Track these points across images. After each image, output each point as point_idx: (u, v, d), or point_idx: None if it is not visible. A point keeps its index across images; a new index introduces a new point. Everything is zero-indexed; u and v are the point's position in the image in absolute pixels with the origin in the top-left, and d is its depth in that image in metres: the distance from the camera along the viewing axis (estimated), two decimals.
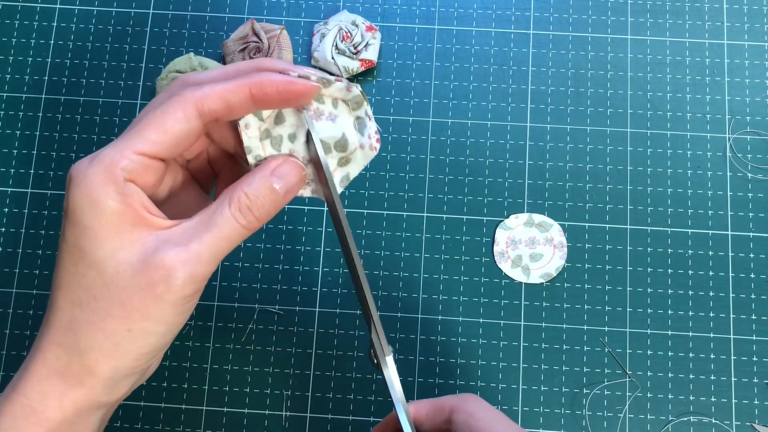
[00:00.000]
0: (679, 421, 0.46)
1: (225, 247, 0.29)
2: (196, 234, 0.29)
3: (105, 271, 0.28)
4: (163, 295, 0.28)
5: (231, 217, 0.29)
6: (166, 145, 0.29)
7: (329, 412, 0.47)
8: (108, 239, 0.28)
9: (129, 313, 0.28)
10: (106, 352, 0.29)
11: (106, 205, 0.28)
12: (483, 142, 0.51)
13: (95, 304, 0.29)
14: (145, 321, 0.29)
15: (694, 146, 0.50)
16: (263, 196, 0.30)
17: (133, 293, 0.28)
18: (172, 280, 0.28)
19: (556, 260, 0.49)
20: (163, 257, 0.28)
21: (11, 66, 0.52)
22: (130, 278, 0.28)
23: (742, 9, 0.53)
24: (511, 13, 0.53)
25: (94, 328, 0.29)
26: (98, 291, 0.29)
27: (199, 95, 0.28)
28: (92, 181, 0.28)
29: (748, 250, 0.49)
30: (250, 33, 0.51)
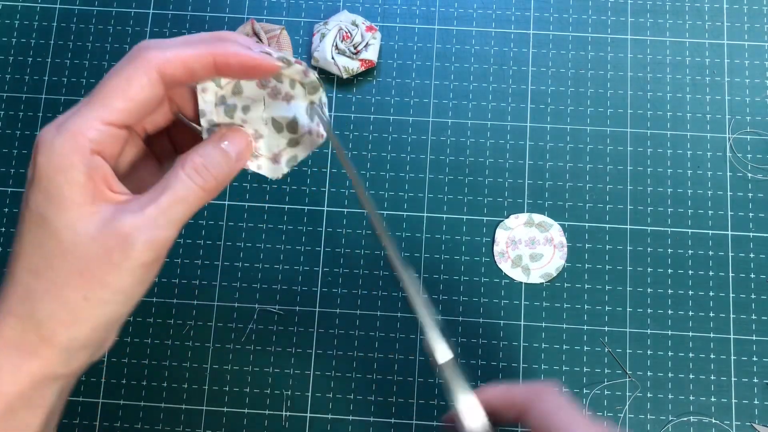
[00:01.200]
0: (679, 421, 0.46)
1: (182, 210, 0.29)
2: (152, 200, 0.29)
3: (63, 240, 0.28)
4: (121, 262, 0.28)
5: (186, 178, 0.29)
6: (132, 112, 0.29)
7: (329, 412, 0.47)
8: (69, 209, 0.28)
9: (86, 282, 0.28)
10: (63, 322, 0.29)
11: (71, 176, 0.28)
12: (483, 142, 0.51)
13: (52, 273, 0.29)
14: (102, 289, 0.28)
15: (694, 146, 0.50)
16: (216, 156, 0.30)
17: (90, 261, 0.28)
18: (129, 247, 0.28)
19: (556, 260, 0.49)
20: (119, 224, 0.28)
21: (11, 66, 0.52)
22: (87, 247, 0.28)
23: (742, 9, 0.53)
24: (511, 13, 0.53)
25: (51, 297, 0.29)
26: (56, 260, 0.28)
27: (162, 59, 0.28)
28: (59, 150, 0.28)
29: (748, 250, 0.49)
30: (250, 33, 0.51)
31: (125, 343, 0.48)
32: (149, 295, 0.49)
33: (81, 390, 0.48)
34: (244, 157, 0.32)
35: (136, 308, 0.49)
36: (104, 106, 0.28)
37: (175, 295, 0.49)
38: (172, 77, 0.29)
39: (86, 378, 0.48)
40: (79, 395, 0.48)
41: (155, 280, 0.49)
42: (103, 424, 0.47)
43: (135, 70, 0.28)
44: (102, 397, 0.48)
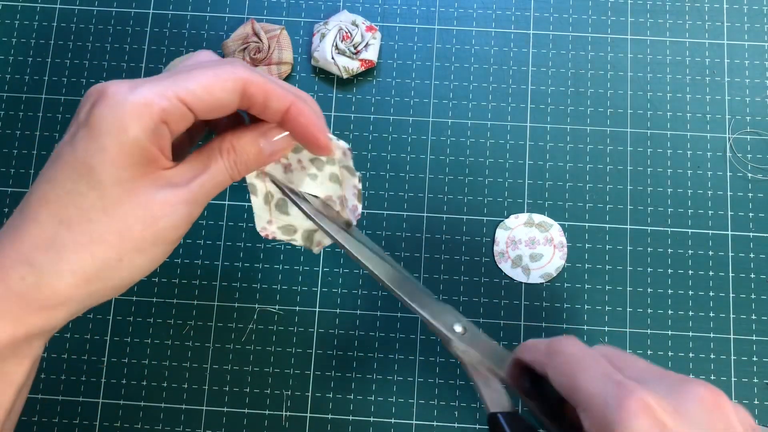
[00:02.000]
0: None
1: (214, 194, 0.31)
2: (195, 177, 0.30)
3: (109, 196, 0.28)
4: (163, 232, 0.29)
5: (223, 166, 0.31)
6: (205, 105, 0.29)
7: (329, 412, 0.47)
8: (123, 167, 0.28)
9: (124, 243, 0.28)
10: (88, 277, 0.28)
11: (135, 137, 0.28)
12: (483, 142, 0.51)
13: (89, 226, 0.28)
14: (137, 254, 0.29)
15: (694, 146, 0.50)
16: (249, 152, 0.31)
17: (134, 224, 0.28)
18: (174, 218, 0.29)
19: (556, 260, 0.49)
20: (168, 194, 0.29)
21: (11, 66, 0.52)
22: (134, 209, 0.28)
23: (742, 9, 0.53)
24: (511, 13, 0.53)
25: (83, 250, 0.28)
26: (95, 214, 0.28)
27: (250, 79, 0.29)
28: (129, 108, 0.28)
29: (748, 250, 0.49)
30: (250, 33, 0.51)
31: (125, 343, 0.48)
32: (149, 295, 0.49)
33: (81, 390, 0.48)
34: (276, 155, 0.32)
35: (137, 308, 0.49)
36: (185, 87, 0.29)
37: (175, 295, 0.49)
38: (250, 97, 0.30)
39: (86, 378, 0.48)
40: (79, 395, 0.48)
41: (155, 280, 0.49)
42: (103, 424, 0.47)
43: (226, 72, 0.29)
44: (102, 397, 0.48)
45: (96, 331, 0.48)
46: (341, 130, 0.51)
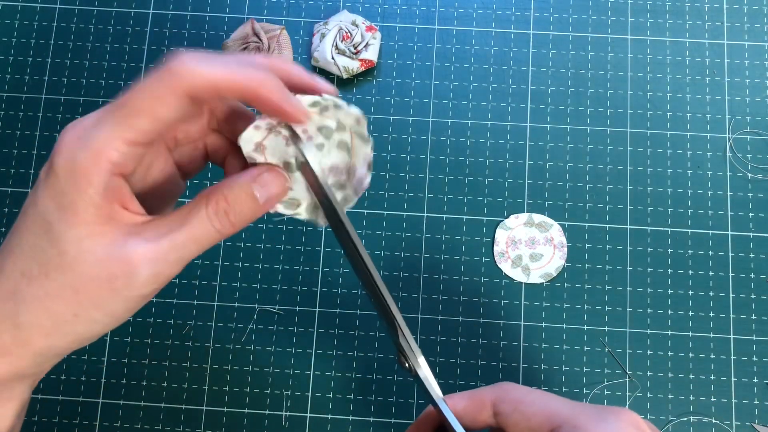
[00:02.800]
0: (679, 421, 0.46)
1: (194, 250, 0.29)
2: (168, 232, 0.28)
3: (67, 253, 0.28)
4: (121, 290, 0.28)
5: (206, 219, 0.28)
6: (157, 132, 0.27)
7: (329, 412, 0.47)
8: (79, 225, 0.27)
9: (80, 299, 0.28)
10: (45, 330, 0.28)
11: (88, 195, 0.27)
12: (483, 142, 0.51)
13: (46, 282, 0.28)
14: (94, 310, 0.28)
15: (694, 146, 0.50)
16: (242, 202, 0.29)
17: (90, 281, 0.28)
18: (134, 277, 0.27)
19: (556, 260, 0.49)
20: (130, 252, 0.27)
21: (11, 66, 0.52)
22: (90, 267, 0.27)
23: (742, 9, 0.53)
24: (511, 13, 0.53)
25: (39, 305, 0.28)
26: (53, 270, 0.28)
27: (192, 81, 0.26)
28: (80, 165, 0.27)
29: (748, 250, 0.49)
30: (250, 33, 0.51)
31: (125, 343, 0.48)
32: None
33: (81, 390, 0.48)
34: (273, 201, 0.30)
35: None
36: (129, 126, 0.27)
37: (175, 295, 0.49)
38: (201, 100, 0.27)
39: (86, 378, 0.48)
40: (79, 395, 0.48)
41: None
42: (103, 424, 0.47)
43: (164, 89, 0.27)
44: (102, 397, 0.48)
45: None
46: None
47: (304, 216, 0.33)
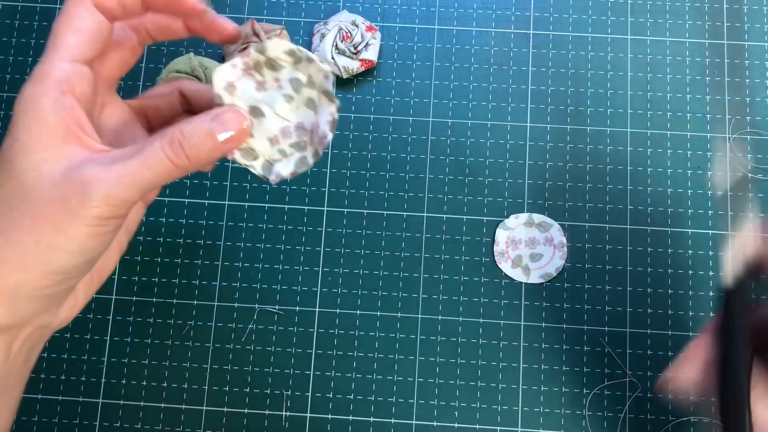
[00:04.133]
0: (679, 421, 0.46)
1: (148, 178, 0.29)
2: (122, 158, 0.29)
3: (25, 182, 0.28)
4: (76, 209, 0.28)
5: (159, 149, 0.29)
6: (85, 44, 0.30)
7: (329, 412, 0.47)
8: (35, 151, 0.28)
9: (39, 224, 0.28)
10: (10, 263, 0.28)
11: (41, 116, 0.28)
12: (483, 142, 0.51)
13: (8, 214, 0.28)
14: (54, 234, 0.28)
15: (694, 146, 0.50)
16: (197, 136, 0.30)
17: (47, 205, 0.28)
18: (86, 195, 0.28)
19: (556, 260, 0.49)
20: (82, 172, 0.28)
21: (11, 66, 0.52)
22: (47, 190, 0.28)
23: (742, 9, 0.52)
24: (511, 13, 0.53)
25: (2, 236, 0.28)
26: (14, 201, 0.28)
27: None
28: (28, 93, 0.29)
29: None
30: (250, 33, 0.51)
31: (125, 343, 0.48)
32: (149, 295, 0.49)
33: (81, 390, 0.48)
34: (232, 142, 0.31)
35: (137, 308, 0.49)
36: (60, 47, 0.29)
37: (175, 295, 0.49)
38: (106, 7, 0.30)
39: (86, 378, 0.48)
40: (79, 395, 0.48)
41: (155, 280, 0.49)
42: (103, 424, 0.47)
43: (73, 5, 0.30)
44: (102, 397, 0.48)
45: (96, 331, 0.48)
46: (341, 130, 0.51)
47: (258, 171, 0.33)
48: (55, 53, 0.29)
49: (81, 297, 0.33)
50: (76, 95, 0.29)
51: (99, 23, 0.30)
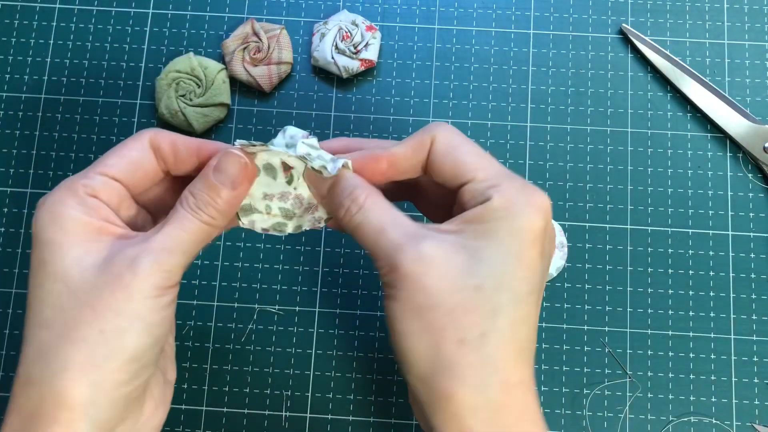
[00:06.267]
0: (679, 421, 0.46)
1: (186, 238, 0.29)
2: (156, 231, 0.29)
3: (71, 279, 0.27)
4: (131, 285, 0.27)
5: (182, 210, 0.30)
6: (122, 167, 0.31)
7: (329, 413, 0.47)
8: (72, 248, 0.28)
9: (99, 313, 0.27)
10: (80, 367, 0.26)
11: (69, 216, 0.28)
12: (483, 142, 0.51)
13: (63, 315, 0.27)
14: (117, 317, 0.27)
15: (694, 146, 0.50)
16: (205, 193, 0.30)
17: (102, 291, 0.27)
18: (137, 267, 0.27)
19: (556, 260, 0.48)
20: (126, 251, 0.28)
21: (10, 66, 0.52)
22: (97, 278, 0.27)
23: (743, 9, 0.52)
24: (512, 13, 0.53)
25: (65, 341, 0.27)
26: (65, 301, 0.27)
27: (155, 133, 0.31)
28: (54, 198, 0.29)
29: (749, 250, 0.49)
30: (249, 33, 0.51)
31: None
32: None
33: None
34: (239, 183, 0.30)
35: None
36: (99, 164, 0.31)
37: None
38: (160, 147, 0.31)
39: None
40: None
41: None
42: None
43: (131, 138, 0.32)
44: None
45: None
46: (341, 130, 0.51)
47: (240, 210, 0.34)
48: (92, 168, 0.31)
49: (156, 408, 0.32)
50: (101, 199, 0.30)
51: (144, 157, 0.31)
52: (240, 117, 0.51)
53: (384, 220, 0.30)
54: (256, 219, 0.34)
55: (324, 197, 0.32)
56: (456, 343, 0.27)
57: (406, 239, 0.29)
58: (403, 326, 0.28)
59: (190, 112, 0.49)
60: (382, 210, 0.30)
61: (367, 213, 0.30)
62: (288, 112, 0.51)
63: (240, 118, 0.51)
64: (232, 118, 0.51)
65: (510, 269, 0.28)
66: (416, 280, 0.28)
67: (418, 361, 0.28)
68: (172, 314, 0.30)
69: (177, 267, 0.29)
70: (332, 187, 0.31)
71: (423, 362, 0.28)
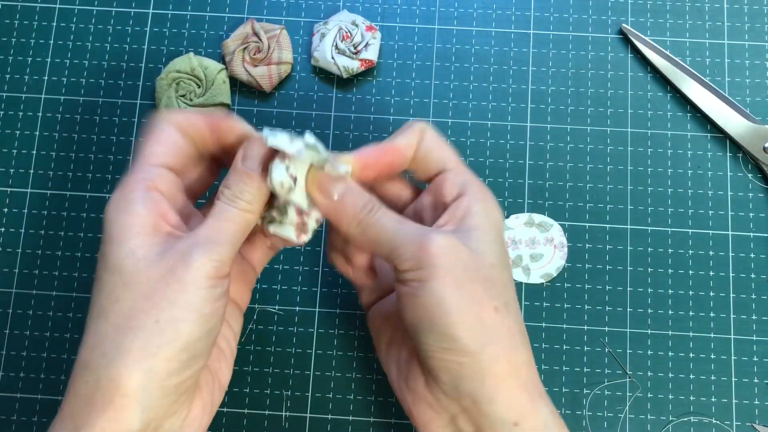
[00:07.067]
0: (679, 421, 0.46)
1: (231, 228, 0.31)
2: (201, 225, 0.31)
3: (125, 270, 0.29)
4: (184, 276, 0.28)
5: (224, 204, 0.31)
6: (167, 153, 0.32)
7: (329, 413, 0.47)
8: (128, 240, 0.29)
9: (154, 303, 0.28)
10: (135, 354, 0.27)
11: (131, 209, 0.30)
12: (483, 142, 0.51)
13: (118, 306, 0.28)
14: (171, 308, 0.28)
15: (694, 146, 0.50)
16: (238, 181, 0.32)
17: (155, 283, 0.28)
18: (189, 259, 0.29)
19: (556, 260, 0.48)
20: (177, 245, 0.30)
21: (11, 66, 0.52)
22: (151, 270, 0.29)
23: (743, 9, 0.52)
24: (512, 13, 0.53)
25: (122, 330, 0.28)
26: (120, 292, 0.28)
27: (173, 114, 0.34)
28: (116, 195, 0.31)
29: (749, 250, 0.49)
30: (249, 33, 0.51)
31: None
32: None
33: None
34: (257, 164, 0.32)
35: None
36: (145, 156, 0.32)
37: None
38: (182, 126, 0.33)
39: None
40: None
41: None
42: None
43: (157, 124, 0.33)
44: None
45: None
46: (341, 130, 0.51)
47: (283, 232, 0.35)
48: (142, 160, 0.32)
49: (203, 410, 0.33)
50: (161, 191, 0.32)
51: (178, 139, 0.33)
52: (240, 117, 0.51)
53: (399, 218, 0.33)
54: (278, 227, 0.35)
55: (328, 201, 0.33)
56: (493, 311, 0.31)
57: (427, 229, 0.33)
58: (447, 301, 0.30)
59: None
60: (392, 213, 0.34)
61: (384, 211, 0.33)
62: (288, 112, 0.51)
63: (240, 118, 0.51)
64: None
65: (503, 251, 0.34)
66: (453, 254, 0.31)
67: (467, 331, 0.30)
68: (224, 306, 0.31)
69: (225, 257, 0.30)
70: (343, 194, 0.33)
71: (470, 332, 0.30)
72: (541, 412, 0.32)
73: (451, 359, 0.31)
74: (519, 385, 0.32)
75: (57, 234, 0.49)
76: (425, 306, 0.31)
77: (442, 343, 0.31)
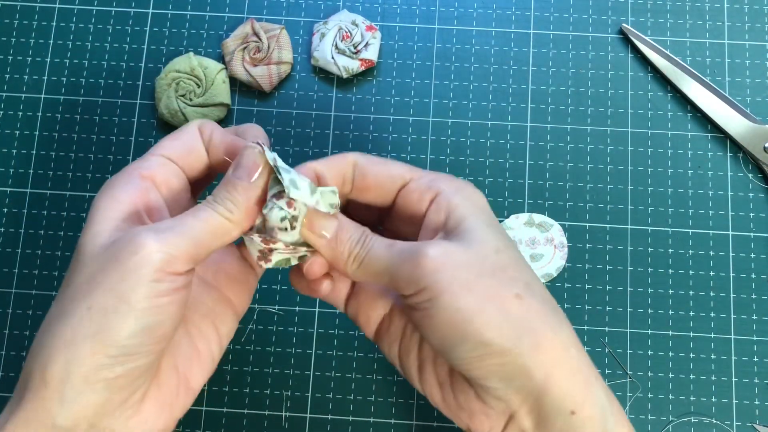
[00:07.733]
0: (679, 421, 0.46)
1: (199, 227, 0.29)
2: (176, 219, 0.29)
3: (82, 253, 0.28)
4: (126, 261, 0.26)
5: (203, 205, 0.30)
6: (176, 148, 0.32)
7: (329, 413, 0.47)
8: (98, 223, 0.28)
9: (92, 288, 0.26)
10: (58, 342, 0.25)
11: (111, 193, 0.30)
12: (483, 142, 0.51)
13: (68, 290, 0.27)
14: (106, 295, 0.26)
15: (694, 146, 0.50)
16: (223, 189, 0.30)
17: (102, 266, 0.26)
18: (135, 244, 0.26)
19: (556, 260, 0.48)
20: (134, 231, 0.27)
21: (10, 66, 0.52)
22: (101, 254, 0.27)
23: (743, 8, 0.52)
24: (512, 13, 0.53)
25: (59, 316, 0.26)
26: (73, 276, 0.27)
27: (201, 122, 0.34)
28: (110, 181, 0.31)
29: (749, 250, 0.49)
30: (249, 32, 0.51)
31: None
32: None
33: None
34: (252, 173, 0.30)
35: None
36: (155, 148, 0.33)
37: None
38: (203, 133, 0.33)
39: None
40: None
41: None
42: None
43: (183, 126, 0.34)
44: None
45: None
46: (341, 130, 0.51)
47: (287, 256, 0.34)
48: (151, 150, 0.32)
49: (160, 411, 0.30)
50: (156, 181, 0.31)
51: (195, 140, 0.33)
52: (240, 117, 0.51)
53: (388, 242, 0.31)
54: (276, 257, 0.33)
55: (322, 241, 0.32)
56: (515, 299, 0.29)
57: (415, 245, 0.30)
58: (464, 308, 0.28)
59: (190, 112, 0.49)
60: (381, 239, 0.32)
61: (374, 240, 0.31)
62: (288, 112, 0.51)
63: (240, 118, 0.51)
64: (232, 118, 0.51)
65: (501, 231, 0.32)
66: (449, 260, 0.29)
67: (495, 331, 0.28)
68: (176, 306, 0.28)
69: (181, 251, 0.27)
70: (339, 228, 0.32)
71: (499, 330, 0.28)
72: (597, 398, 0.31)
73: (491, 363, 0.29)
74: (571, 368, 0.30)
75: (57, 234, 0.49)
76: (444, 323, 0.29)
77: (476, 352, 0.29)
